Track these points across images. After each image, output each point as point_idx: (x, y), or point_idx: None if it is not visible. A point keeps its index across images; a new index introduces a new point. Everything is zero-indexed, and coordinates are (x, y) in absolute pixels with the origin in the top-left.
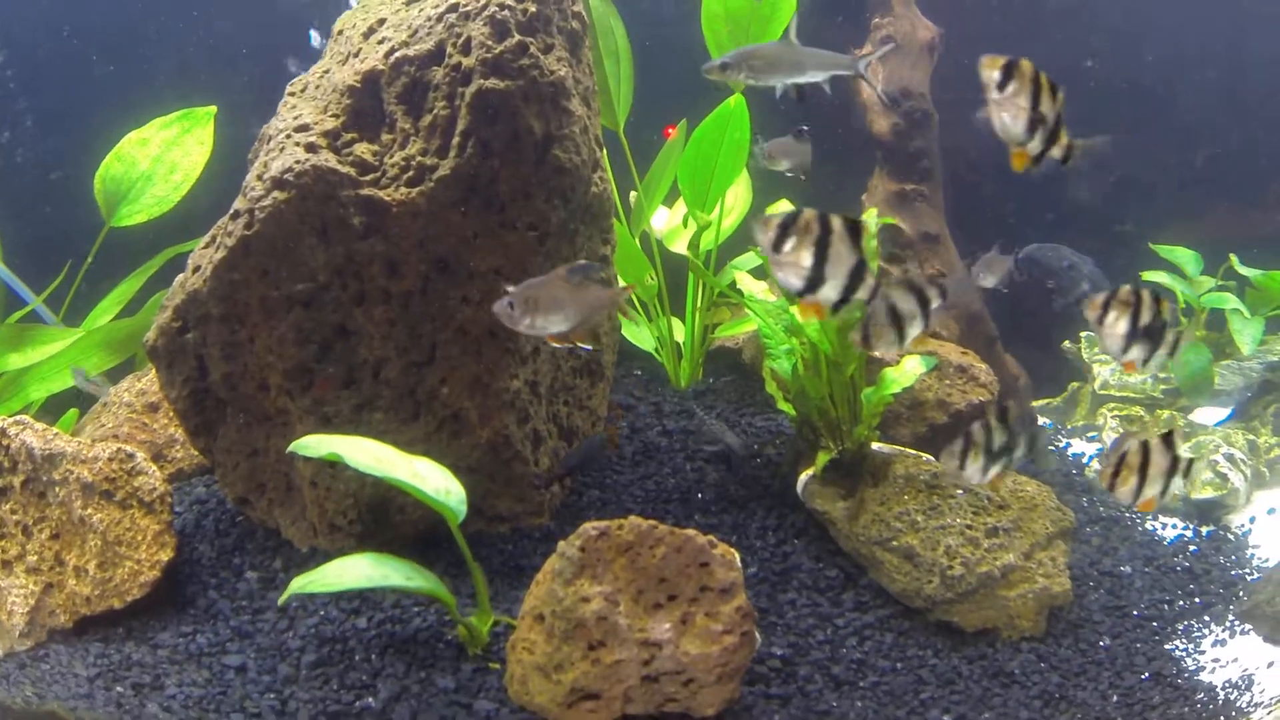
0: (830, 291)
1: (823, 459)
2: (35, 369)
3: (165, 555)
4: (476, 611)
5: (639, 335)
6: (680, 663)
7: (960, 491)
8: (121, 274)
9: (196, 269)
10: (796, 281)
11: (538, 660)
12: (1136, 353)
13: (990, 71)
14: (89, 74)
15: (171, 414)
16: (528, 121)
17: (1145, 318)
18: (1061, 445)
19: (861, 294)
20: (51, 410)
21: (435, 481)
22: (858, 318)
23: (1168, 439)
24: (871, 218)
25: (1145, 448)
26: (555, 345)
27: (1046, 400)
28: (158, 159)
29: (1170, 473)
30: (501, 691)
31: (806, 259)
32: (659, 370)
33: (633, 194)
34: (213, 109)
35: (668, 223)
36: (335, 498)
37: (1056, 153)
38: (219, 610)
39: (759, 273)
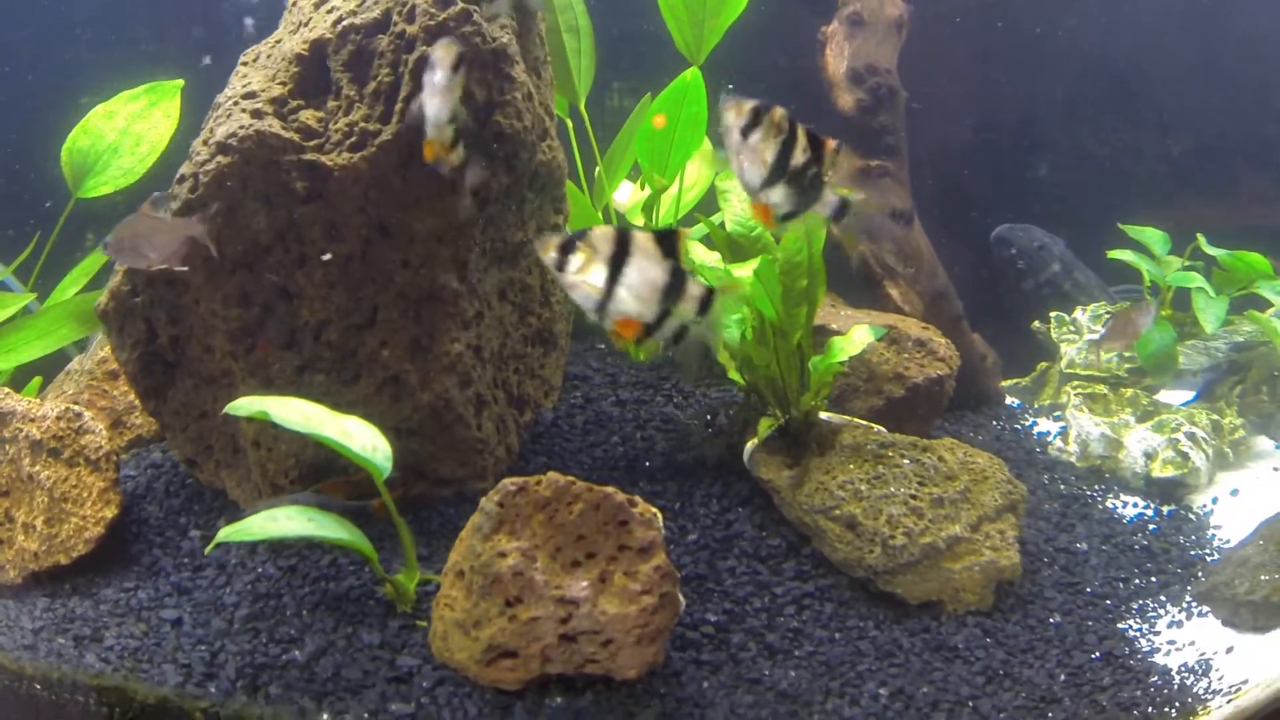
0: None
1: (765, 426)
2: (3, 340)
3: (110, 512)
4: (404, 569)
5: None
6: (598, 622)
7: (907, 461)
8: (91, 246)
9: None
10: None
11: (458, 616)
12: (778, 197)
13: None
14: (57, 48)
15: None
16: (469, 87)
17: (798, 158)
18: (1028, 424)
19: None
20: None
21: (363, 439)
22: (803, 285)
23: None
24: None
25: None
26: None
27: (1015, 380)
28: (124, 131)
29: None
30: (426, 648)
31: None
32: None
33: (599, 169)
34: (180, 82)
35: (631, 196)
36: (277, 458)
37: None
38: (161, 567)
39: (710, 243)
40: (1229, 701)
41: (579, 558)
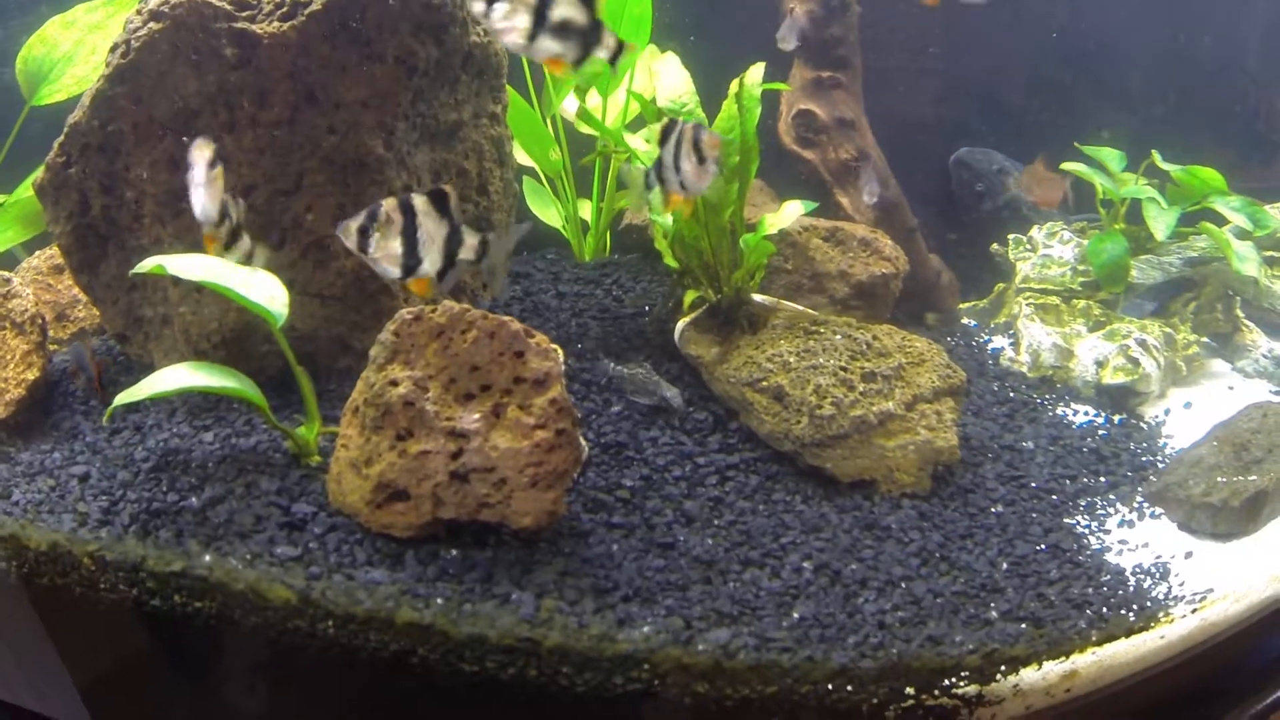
0: None
1: (690, 297)
2: None
3: (32, 374)
4: (306, 421)
5: (546, 212)
6: (489, 458)
7: (839, 336)
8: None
9: (81, 106)
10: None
11: (351, 455)
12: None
13: None
14: None
15: None
16: None
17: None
18: (983, 340)
19: None
20: None
21: (262, 289)
22: (734, 162)
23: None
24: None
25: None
26: None
27: (973, 303)
28: (80, 41)
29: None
30: (324, 497)
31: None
32: (570, 251)
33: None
34: None
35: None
36: (200, 322)
37: None
38: (81, 431)
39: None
40: (1194, 611)
41: (473, 390)
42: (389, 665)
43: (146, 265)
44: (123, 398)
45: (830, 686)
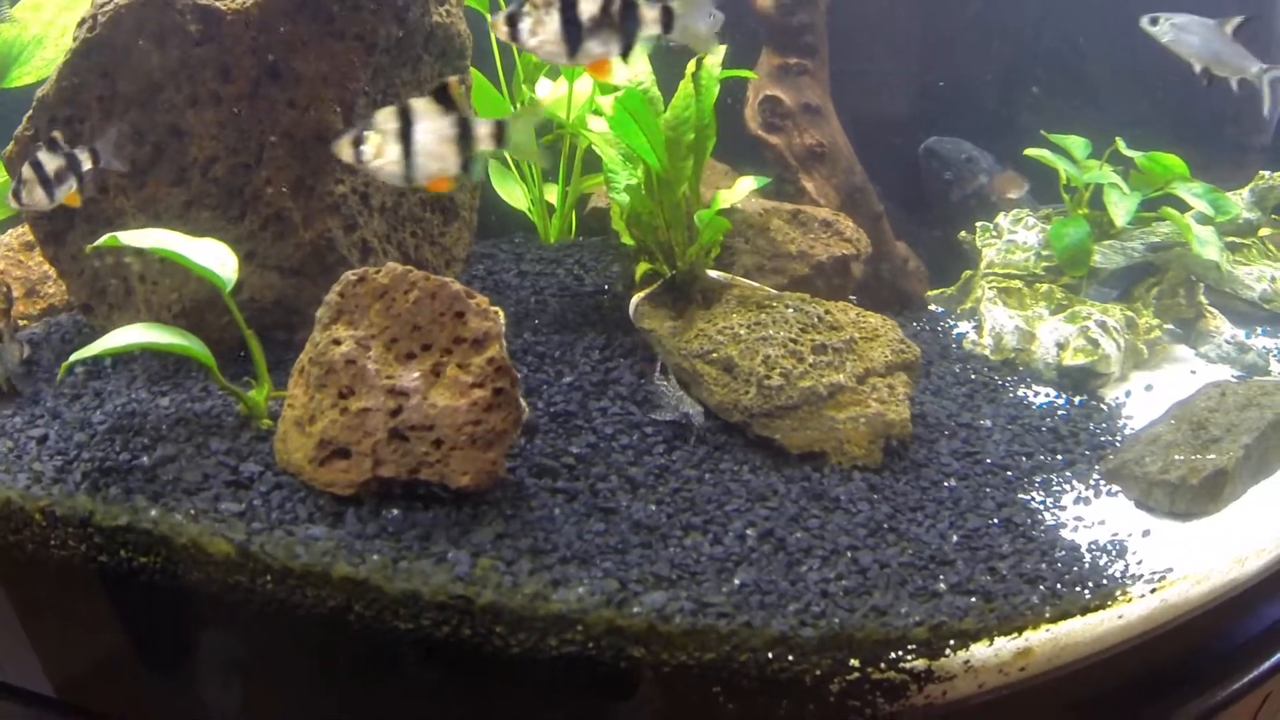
0: None
1: (642, 269)
2: None
3: None
4: (256, 383)
5: (512, 194)
6: (428, 415)
7: (790, 309)
8: None
9: (50, 79)
10: None
11: (297, 414)
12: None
13: None
14: None
15: None
16: None
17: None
18: (948, 326)
19: None
20: None
21: (210, 256)
22: (690, 139)
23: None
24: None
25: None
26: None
27: (941, 290)
28: (50, 23)
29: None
30: (272, 456)
31: None
32: (536, 233)
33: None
34: None
35: (551, 92)
36: (161, 292)
37: None
38: (42, 397)
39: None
40: (1153, 591)
41: (414, 349)
42: (327, 621)
43: (103, 241)
44: (78, 356)
45: (770, 655)
